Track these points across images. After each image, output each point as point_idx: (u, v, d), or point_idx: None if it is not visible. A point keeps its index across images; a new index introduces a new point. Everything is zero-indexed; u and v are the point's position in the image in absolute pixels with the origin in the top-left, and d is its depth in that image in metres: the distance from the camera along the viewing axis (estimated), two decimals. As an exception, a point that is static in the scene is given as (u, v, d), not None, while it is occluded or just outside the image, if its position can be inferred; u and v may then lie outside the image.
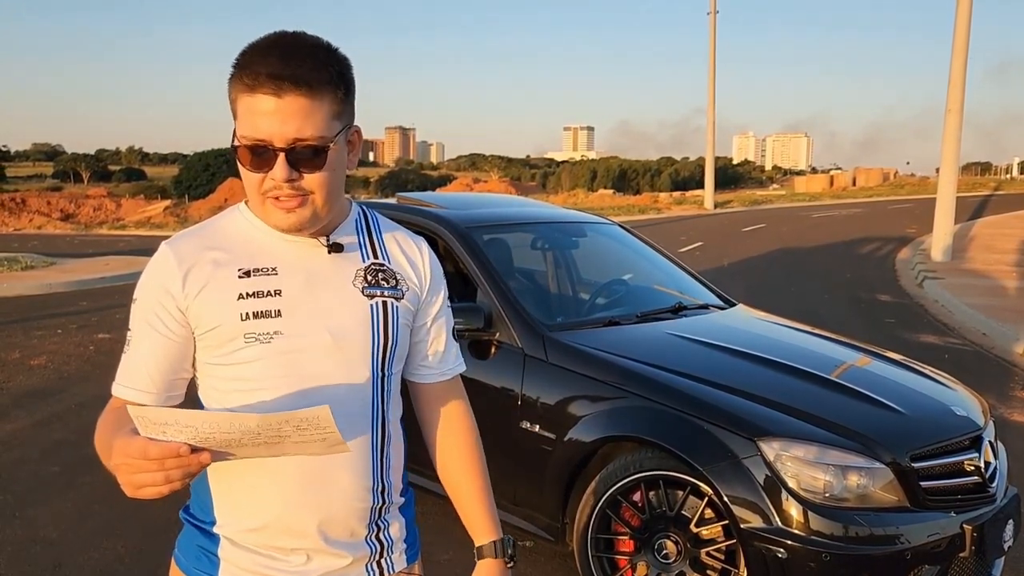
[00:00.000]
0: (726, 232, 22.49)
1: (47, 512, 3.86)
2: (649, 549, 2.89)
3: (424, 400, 1.53)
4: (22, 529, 3.66)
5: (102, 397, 4.30)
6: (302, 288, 1.26)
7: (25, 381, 6.23)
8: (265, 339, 1.23)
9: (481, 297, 3.58)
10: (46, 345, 7.63)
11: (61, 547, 3.50)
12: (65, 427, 5.13)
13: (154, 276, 1.25)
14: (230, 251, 1.26)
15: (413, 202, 4.31)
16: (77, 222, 27.81)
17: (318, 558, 1.32)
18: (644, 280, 4.49)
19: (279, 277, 1.26)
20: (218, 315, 1.22)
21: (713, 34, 35.77)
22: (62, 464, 4.49)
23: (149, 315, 1.24)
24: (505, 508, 3.35)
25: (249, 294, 1.23)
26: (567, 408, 3.13)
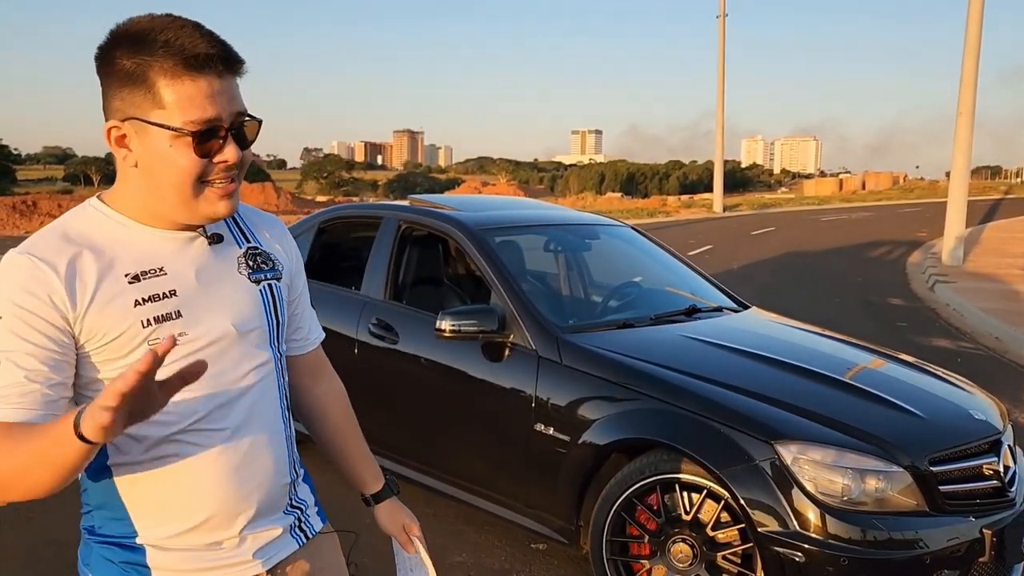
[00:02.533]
0: (735, 235, 22.43)
1: (58, 513, 3.86)
2: (665, 553, 2.87)
3: (299, 370, 1.56)
4: (35, 531, 3.67)
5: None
6: (194, 285, 1.24)
7: (38, 382, 6.25)
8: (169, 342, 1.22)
9: (494, 299, 3.57)
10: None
11: (72, 548, 3.48)
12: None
13: (24, 289, 1.12)
14: (105, 254, 1.19)
15: (425, 204, 4.31)
16: (88, 225, 27.88)
17: (250, 538, 1.34)
18: (657, 282, 4.47)
19: (169, 277, 1.22)
20: (118, 325, 1.17)
21: (722, 37, 35.73)
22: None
23: (22, 331, 1.11)
24: (518, 510, 3.34)
25: (145, 299, 1.19)
26: (581, 410, 3.12)
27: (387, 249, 4.12)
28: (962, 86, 14.59)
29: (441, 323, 3.36)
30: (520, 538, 3.64)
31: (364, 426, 4.31)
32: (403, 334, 3.80)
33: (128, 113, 1.15)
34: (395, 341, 3.81)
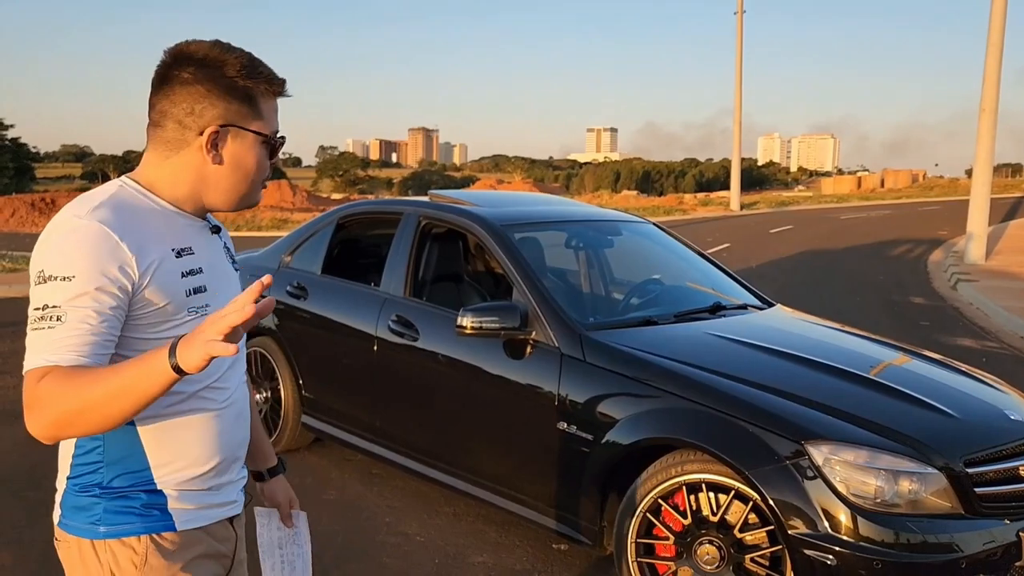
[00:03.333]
0: (753, 233, 22.26)
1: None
2: (691, 554, 2.82)
3: None
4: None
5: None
6: (211, 265, 1.44)
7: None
8: (201, 311, 1.39)
9: (516, 296, 3.53)
10: (77, 343, 7.67)
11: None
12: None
13: (100, 254, 1.26)
14: (158, 229, 1.37)
15: (446, 200, 4.26)
16: (106, 222, 28.08)
17: (236, 482, 1.55)
18: (680, 279, 4.41)
19: (196, 256, 1.42)
20: (170, 294, 1.35)
21: (740, 34, 35.50)
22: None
23: (93, 292, 1.24)
24: (540, 510, 3.30)
25: (187, 272, 1.38)
26: (605, 408, 3.07)
27: (407, 245, 4.08)
28: (985, 82, 14.39)
29: (462, 320, 3.32)
30: (542, 538, 3.59)
31: (383, 424, 4.29)
32: (423, 331, 3.76)
33: (230, 120, 1.38)
34: (415, 338, 3.77)
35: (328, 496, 4.05)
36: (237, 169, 1.41)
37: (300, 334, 4.46)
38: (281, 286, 4.60)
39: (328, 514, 3.83)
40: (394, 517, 3.82)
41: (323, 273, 4.48)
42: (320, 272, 4.49)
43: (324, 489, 4.14)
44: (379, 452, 4.01)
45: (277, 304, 4.58)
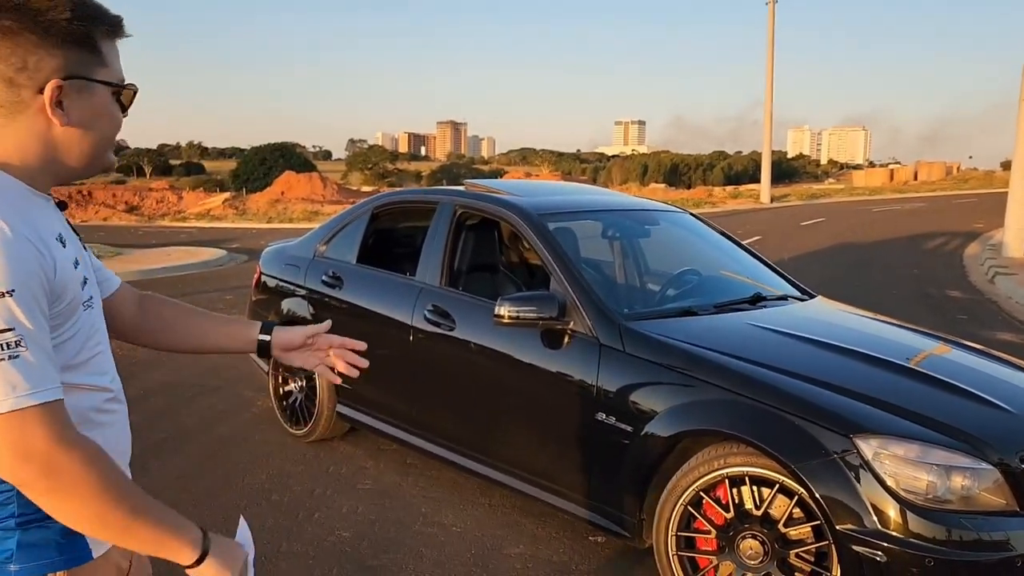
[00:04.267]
0: (784, 226, 22.01)
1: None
2: (733, 549, 2.77)
3: (120, 307, 1.51)
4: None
5: (170, 384, 4.36)
6: (78, 249, 1.26)
7: (95, 367, 6.34)
8: (88, 305, 1.23)
9: (554, 286, 3.49)
10: (114, 332, 7.78)
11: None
12: (135, 412, 5.12)
13: (27, 258, 1.07)
14: (39, 218, 1.16)
15: (482, 189, 4.24)
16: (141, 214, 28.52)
17: None
18: (718, 270, 4.34)
19: (71, 244, 1.22)
20: (73, 289, 1.17)
21: (772, 25, 35.08)
22: (133, 449, 4.53)
23: (34, 304, 1.07)
24: (578, 502, 3.26)
25: (75, 261, 1.20)
26: (645, 400, 3.02)
27: (443, 235, 4.06)
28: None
29: (500, 309, 3.29)
30: (579, 530, 3.56)
31: (418, 414, 4.27)
32: (460, 321, 3.74)
33: (73, 71, 1.16)
34: (451, 328, 3.75)
35: (364, 485, 4.05)
36: (91, 128, 1.19)
37: (335, 323, 4.42)
38: (316, 275, 4.60)
39: (364, 503, 3.83)
40: (430, 507, 3.81)
41: (358, 262, 4.48)
42: (355, 261, 4.49)
43: (359, 478, 4.14)
44: (414, 442, 3.99)
45: (311, 293, 4.60)
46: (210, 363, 6.50)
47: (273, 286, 4.99)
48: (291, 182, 33.34)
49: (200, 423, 5.00)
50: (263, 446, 4.60)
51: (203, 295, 10.51)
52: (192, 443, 4.64)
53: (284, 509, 3.76)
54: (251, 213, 27.77)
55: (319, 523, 3.62)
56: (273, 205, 28.77)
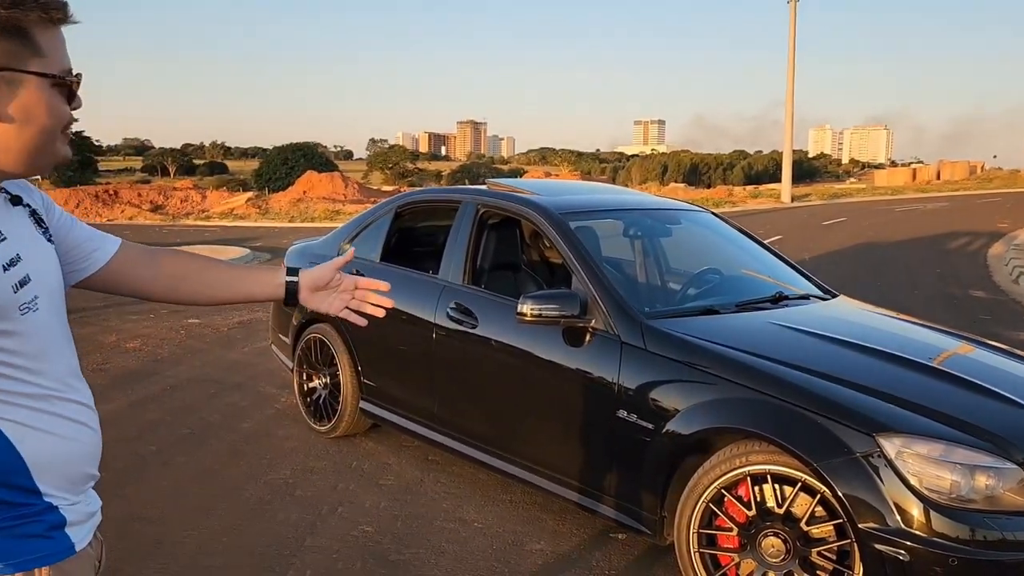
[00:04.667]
0: (805, 225, 21.86)
1: (146, 490, 3.96)
2: (755, 546, 2.77)
3: (127, 268, 1.49)
4: (124, 506, 3.76)
5: (195, 380, 4.43)
6: (25, 247, 1.19)
7: (121, 363, 6.44)
8: (34, 307, 1.17)
9: (576, 284, 3.51)
10: (140, 329, 7.89)
11: (161, 524, 3.58)
12: (160, 408, 5.27)
13: None
14: None
15: (504, 188, 4.26)
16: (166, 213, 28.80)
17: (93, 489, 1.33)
18: (740, 269, 4.34)
19: (10, 240, 1.16)
20: None
21: (793, 24, 34.83)
22: (158, 443, 4.61)
23: None
24: (598, 499, 3.28)
25: (7, 264, 1.14)
26: (667, 397, 3.04)
27: (466, 233, 4.09)
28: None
29: (522, 307, 3.32)
30: (599, 527, 3.58)
31: (440, 411, 4.31)
32: (482, 318, 3.76)
33: (2, 63, 1.10)
34: (474, 325, 3.78)
35: (386, 481, 4.09)
36: (26, 123, 1.12)
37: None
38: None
39: (386, 499, 3.87)
40: (451, 503, 3.84)
41: (382, 260, 4.52)
42: (379, 260, 4.53)
43: (382, 474, 4.18)
44: (436, 438, 4.03)
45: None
46: (232, 360, 6.57)
47: (297, 284, 5.03)
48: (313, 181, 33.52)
49: (224, 419, 5.06)
50: (287, 442, 4.65)
51: (226, 293, 10.60)
52: (216, 438, 4.70)
53: (308, 504, 3.81)
54: (273, 212, 27.96)
55: (342, 518, 3.66)
56: (295, 204, 28.96)
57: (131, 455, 4.42)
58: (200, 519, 3.62)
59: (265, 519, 3.64)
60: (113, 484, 4.02)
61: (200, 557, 3.28)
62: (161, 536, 3.46)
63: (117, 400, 5.44)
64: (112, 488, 3.97)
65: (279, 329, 5.23)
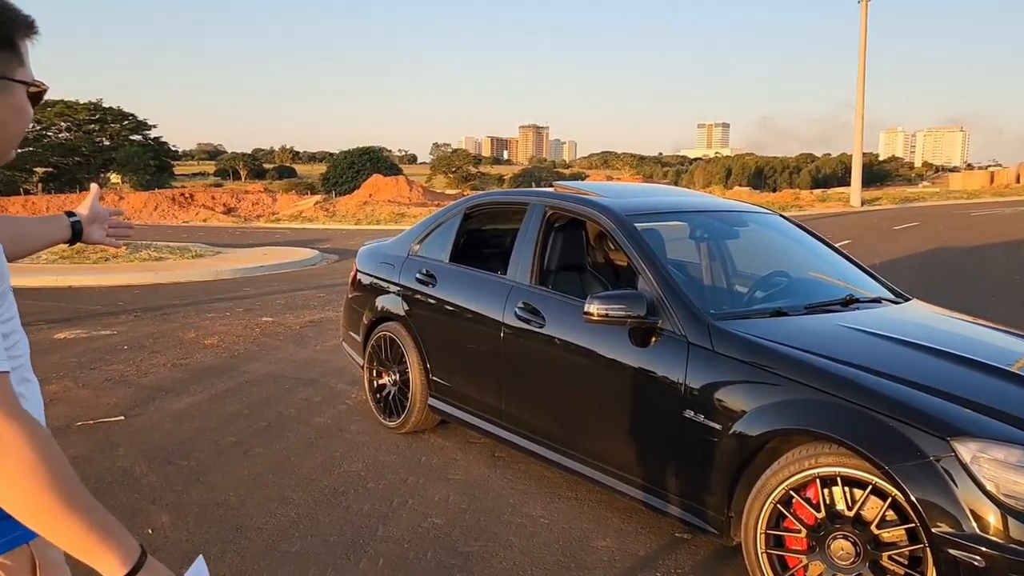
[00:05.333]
0: (875, 230, 21.32)
1: (227, 478, 4.13)
2: (824, 549, 2.77)
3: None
4: (206, 493, 3.94)
5: (269, 375, 4.60)
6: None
7: (201, 358, 6.71)
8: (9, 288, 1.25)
9: (642, 285, 3.55)
10: (217, 326, 8.19)
11: (240, 511, 3.74)
12: (238, 401, 5.49)
13: None
14: None
15: (571, 190, 4.33)
16: (238, 215, 29.66)
17: None
18: (809, 272, 4.31)
19: None
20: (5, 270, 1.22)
21: (864, 23, 34.01)
22: (237, 435, 4.80)
23: None
24: (665, 498, 3.31)
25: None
26: (734, 398, 3.05)
27: (533, 234, 4.16)
28: None
29: (589, 307, 3.37)
30: (665, 526, 3.61)
31: (507, 408, 4.38)
32: (549, 318, 3.83)
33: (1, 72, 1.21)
34: (541, 325, 3.85)
35: (454, 476, 4.19)
36: (7, 126, 1.24)
37: (428, 319, 4.62)
38: (410, 273, 4.78)
39: (455, 493, 3.96)
40: (518, 499, 3.91)
41: (451, 261, 4.63)
42: (448, 260, 4.64)
43: (450, 469, 4.28)
44: (503, 435, 4.11)
45: (405, 290, 4.77)
46: (305, 357, 6.78)
47: (368, 283, 5.19)
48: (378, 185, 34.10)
49: (298, 413, 5.24)
50: (358, 436, 4.80)
51: (297, 292, 10.92)
52: (292, 431, 4.88)
53: (379, 496, 3.93)
54: (340, 215, 28.55)
55: (413, 510, 3.77)
56: (361, 207, 29.51)
57: (212, 445, 4.62)
58: (277, 507, 3.78)
59: (339, 509, 3.78)
60: (196, 471, 4.21)
61: (278, 543, 3.42)
62: (241, 522, 3.62)
63: (198, 393, 5.67)
64: (195, 475, 4.17)
65: (350, 327, 5.39)
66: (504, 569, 3.25)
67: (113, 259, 14.05)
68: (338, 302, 5.51)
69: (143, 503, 3.80)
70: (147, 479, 4.10)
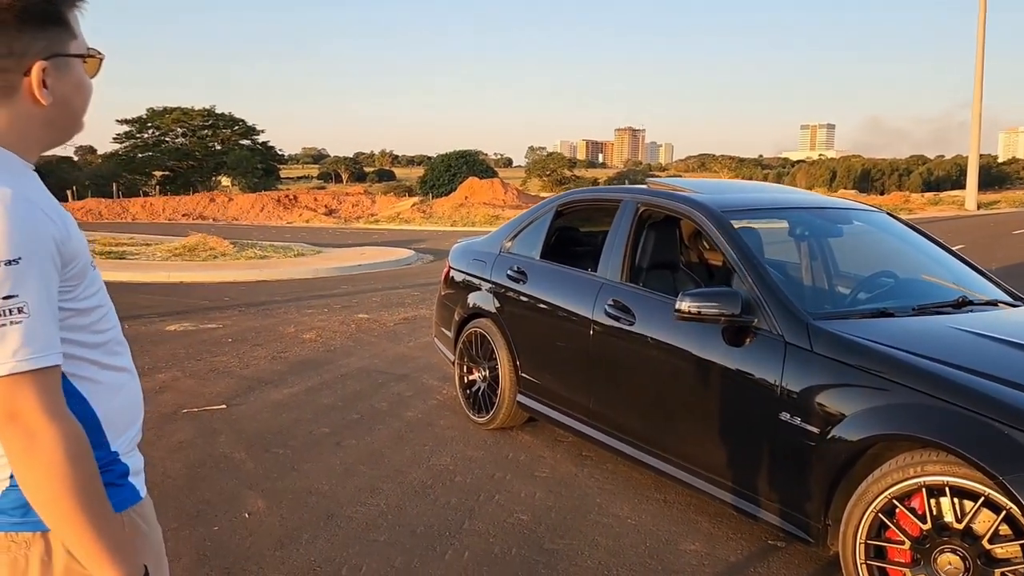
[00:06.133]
0: (993, 234, 20.15)
1: (319, 467, 4.24)
2: (930, 562, 2.61)
3: None
4: (300, 480, 4.05)
5: (363, 370, 4.69)
6: None
7: (299, 352, 6.92)
8: (93, 264, 1.27)
9: (737, 283, 3.44)
10: (315, 322, 8.44)
11: (332, 499, 3.82)
12: (333, 394, 5.63)
13: (36, 226, 1.11)
14: (39, 187, 1.20)
15: (665, 187, 4.24)
16: (338, 217, 30.59)
17: None
18: (918, 272, 4.09)
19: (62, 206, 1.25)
20: (83, 248, 1.22)
21: (983, 16, 32.23)
22: (331, 426, 4.92)
23: (43, 272, 1.11)
24: (757, 503, 3.20)
25: (78, 224, 1.25)
26: (834, 401, 2.92)
27: (625, 231, 4.11)
28: None
29: (681, 304, 3.29)
30: (757, 533, 3.49)
31: (596, 406, 4.33)
32: (640, 316, 3.76)
33: (54, 50, 1.20)
34: (631, 323, 3.78)
35: (541, 473, 4.17)
36: (70, 102, 1.25)
37: (518, 316, 4.62)
38: (502, 270, 4.79)
39: (541, 490, 3.94)
40: (605, 498, 3.86)
41: (542, 258, 4.62)
42: (539, 257, 4.63)
43: (537, 467, 4.26)
44: (591, 434, 4.06)
45: (497, 286, 4.78)
46: (398, 353, 6.90)
47: (461, 280, 5.23)
48: (474, 187, 34.50)
49: (390, 407, 5.33)
50: (447, 431, 4.84)
51: (393, 291, 11.15)
52: (383, 424, 4.96)
53: (467, 489, 3.95)
54: (437, 216, 29.04)
55: (499, 505, 3.77)
56: (457, 209, 29.93)
57: (307, 435, 4.75)
58: (367, 497, 3.84)
59: (427, 501, 3.82)
60: (292, 460, 4.34)
61: (367, 532, 3.48)
62: (332, 510, 3.70)
63: (295, 385, 5.85)
64: (291, 463, 4.29)
65: (442, 323, 5.44)
66: (589, 568, 3.20)
67: (221, 257, 14.70)
68: (432, 300, 5.58)
69: (241, 488, 3.94)
70: (245, 465, 4.25)
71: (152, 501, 1.43)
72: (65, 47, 1.22)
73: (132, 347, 1.38)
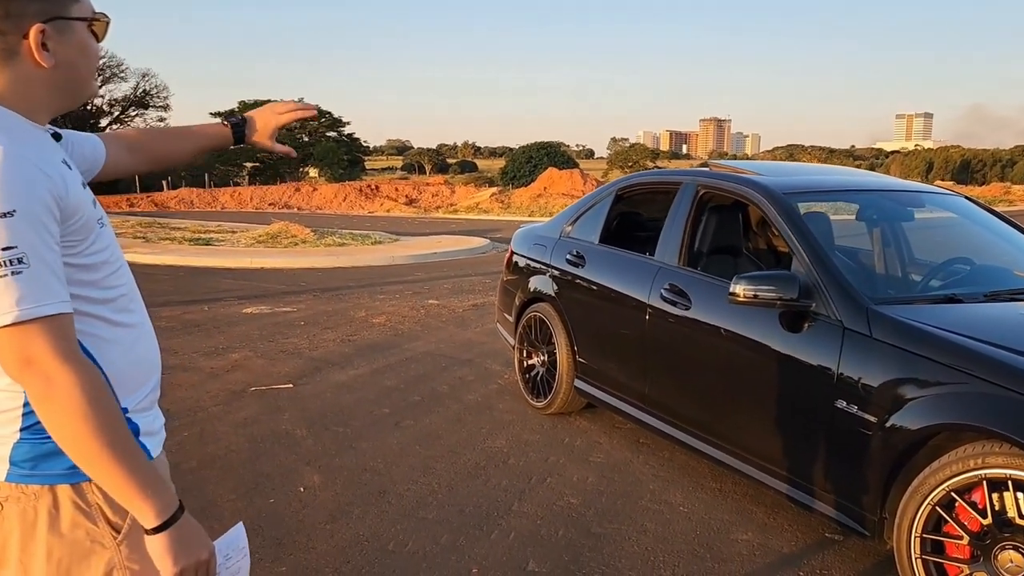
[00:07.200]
0: (1105, 228, 18.87)
1: (376, 446, 4.32)
2: (990, 559, 2.48)
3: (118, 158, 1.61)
4: (356, 458, 4.13)
5: (429, 354, 4.74)
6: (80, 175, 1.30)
7: (368, 335, 7.06)
8: (101, 223, 1.29)
9: (796, 266, 3.33)
10: (386, 307, 8.59)
11: (386, 477, 3.89)
12: (396, 376, 5.72)
13: (30, 180, 1.13)
14: (39, 145, 1.21)
15: (726, 168, 4.14)
16: (418, 206, 31.03)
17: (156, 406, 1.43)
18: (996, 259, 3.87)
19: (74, 167, 1.27)
20: (84, 204, 1.23)
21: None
22: (391, 407, 5.00)
23: (41, 224, 1.13)
24: (813, 494, 3.09)
25: (83, 184, 1.28)
26: (893, 389, 2.79)
27: (683, 215, 4.02)
28: None
29: (735, 287, 3.20)
30: (813, 524, 3.38)
31: (652, 392, 4.25)
32: (696, 301, 3.68)
33: (52, 13, 1.21)
34: (687, 307, 3.71)
35: (595, 458, 4.14)
36: (74, 65, 1.26)
37: (577, 301, 4.59)
38: (561, 254, 4.77)
39: (594, 475, 3.91)
40: (658, 485, 3.80)
41: (600, 242, 4.57)
42: (598, 241, 4.58)
43: (592, 452, 4.23)
44: (647, 420, 4.00)
45: (556, 271, 4.76)
46: (464, 338, 6.96)
47: (522, 265, 5.23)
48: (553, 178, 34.42)
49: (451, 390, 5.38)
50: (505, 415, 4.85)
51: (464, 278, 11.25)
52: (442, 406, 5.01)
53: (519, 472, 3.96)
54: (515, 207, 29.12)
55: (550, 488, 3.76)
56: (535, 199, 29.94)
57: (367, 415, 4.84)
58: (420, 476, 3.89)
59: (479, 482, 3.84)
60: (350, 438, 4.43)
61: (417, 509, 3.52)
62: (385, 487, 3.76)
63: (361, 367, 5.97)
64: (349, 441, 4.38)
65: (504, 308, 5.46)
66: (635, 553, 3.17)
67: (302, 244, 15.11)
68: (499, 283, 5.61)
69: (299, 463, 4.05)
70: (305, 442, 4.36)
71: (167, 462, 1.48)
72: (65, 10, 1.24)
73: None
